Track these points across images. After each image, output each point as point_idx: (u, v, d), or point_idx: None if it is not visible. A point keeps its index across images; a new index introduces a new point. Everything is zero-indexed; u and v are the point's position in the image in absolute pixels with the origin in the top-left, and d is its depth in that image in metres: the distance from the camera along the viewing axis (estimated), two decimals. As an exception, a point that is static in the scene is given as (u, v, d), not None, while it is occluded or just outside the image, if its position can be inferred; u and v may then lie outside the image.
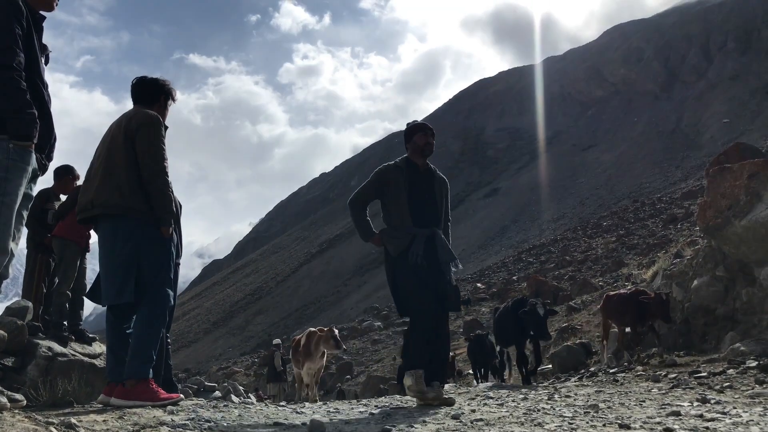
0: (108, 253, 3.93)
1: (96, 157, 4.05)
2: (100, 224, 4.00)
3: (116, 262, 3.87)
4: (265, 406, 4.63)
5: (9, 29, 2.99)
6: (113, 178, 3.86)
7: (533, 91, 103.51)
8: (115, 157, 3.90)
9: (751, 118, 61.87)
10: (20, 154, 3.01)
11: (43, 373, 4.66)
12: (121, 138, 3.91)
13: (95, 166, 4.00)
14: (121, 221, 3.87)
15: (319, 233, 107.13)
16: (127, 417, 3.15)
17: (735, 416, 3.61)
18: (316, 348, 9.70)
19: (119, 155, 3.89)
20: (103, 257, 3.98)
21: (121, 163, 3.88)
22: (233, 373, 35.83)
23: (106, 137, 4.06)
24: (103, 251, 3.97)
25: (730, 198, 8.28)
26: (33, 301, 5.85)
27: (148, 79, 4.23)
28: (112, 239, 3.91)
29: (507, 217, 71.26)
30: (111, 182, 3.85)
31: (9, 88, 2.94)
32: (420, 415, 4.10)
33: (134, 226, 3.87)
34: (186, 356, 65.17)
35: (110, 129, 4.08)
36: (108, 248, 3.93)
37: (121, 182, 3.85)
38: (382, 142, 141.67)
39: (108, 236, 3.94)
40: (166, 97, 4.25)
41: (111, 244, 3.92)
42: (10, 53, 2.97)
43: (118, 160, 3.88)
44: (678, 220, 32.92)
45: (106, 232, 3.96)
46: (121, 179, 3.86)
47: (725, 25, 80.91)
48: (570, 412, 4.08)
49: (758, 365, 6.20)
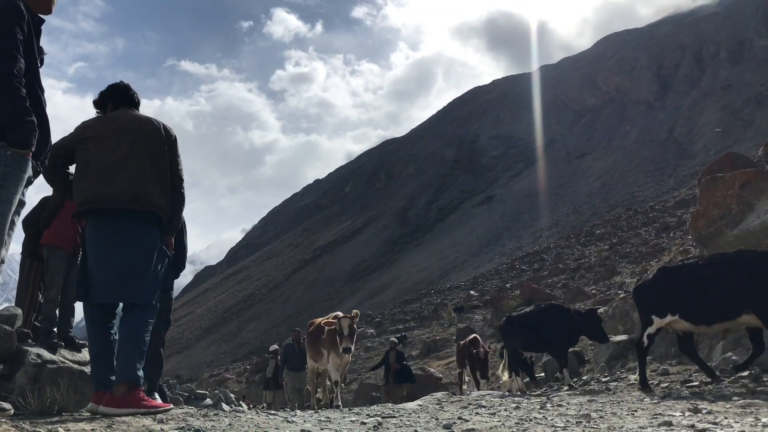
0: (129, 249, 3.85)
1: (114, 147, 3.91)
2: (119, 218, 3.88)
3: (139, 260, 3.84)
4: (256, 415, 4.60)
5: (11, 35, 2.96)
6: (160, 181, 3.96)
7: (528, 99, 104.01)
8: (161, 161, 3.99)
9: (744, 128, 62.28)
10: (18, 162, 2.98)
11: (32, 380, 4.60)
12: (165, 145, 4.02)
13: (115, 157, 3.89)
14: (156, 223, 3.96)
15: (313, 240, 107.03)
16: (116, 426, 3.11)
17: (726, 426, 3.61)
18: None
19: (164, 161, 4.00)
20: (119, 251, 3.85)
21: (166, 169, 4.01)
22: (225, 380, 35.66)
23: (135, 136, 3.96)
24: (122, 246, 3.86)
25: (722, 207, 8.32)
26: (27, 307, 5.80)
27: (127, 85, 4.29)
28: (140, 237, 3.89)
29: (501, 224, 71.38)
30: (159, 184, 3.95)
31: (10, 96, 2.91)
32: (412, 424, 4.08)
33: (159, 231, 4.00)
34: (177, 363, 64.85)
35: (142, 129, 3.99)
36: (130, 244, 3.86)
37: (166, 187, 3.98)
38: (376, 148, 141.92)
39: (133, 233, 3.88)
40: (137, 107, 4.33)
41: (137, 242, 3.87)
42: (12, 60, 2.94)
43: (164, 165, 4.00)
44: (670, 228, 33.05)
45: (129, 228, 3.88)
46: (165, 184, 3.99)
47: (718, 35, 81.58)
48: (562, 422, 4.07)
49: (749, 375, 6.21)
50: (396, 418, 4.51)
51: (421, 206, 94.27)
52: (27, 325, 5.61)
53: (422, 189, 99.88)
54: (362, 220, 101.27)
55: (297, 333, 13.49)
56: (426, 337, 31.04)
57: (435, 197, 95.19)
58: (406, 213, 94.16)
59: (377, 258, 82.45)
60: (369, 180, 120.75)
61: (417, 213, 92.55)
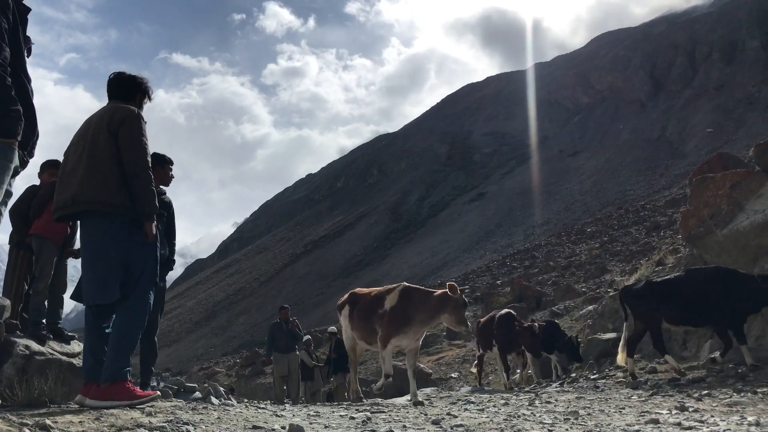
0: (94, 251, 3.83)
1: (72, 153, 3.91)
2: (84, 221, 3.89)
3: (103, 260, 3.78)
4: (245, 409, 4.60)
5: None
6: (99, 174, 3.75)
7: (521, 97, 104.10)
8: (99, 153, 3.79)
9: (735, 128, 62.60)
10: (3, 152, 2.95)
11: (20, 372, 4.58)
12: (104, 133, 3.82)
13: (72, 162, 3.87)
14: (110, 218, 3.78)
15: (304, 234, 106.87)
16: (104, 418, 3.11)
17: (712, 425, 3.64)
18: (431, 314, 6.46)
19: (104, 151, 3.79)
20: (88, 255, 3.88)
21: (107, 158, 3.78)
22: (215, 374, 35.59)
23: (83, 132, 3.94)
24: (89, 249, 3.87)
25: (712, 207, 8.37)
26: (13, 298, 5.77)
27: (125, 76, 4.12)
28: (100, 236, 3.81)
29: (492, 221, 71.50)
30: (97, 178, 3.74)
31: None
32: (400, 419, 4.09)
33: (123, 224, 3.79)
34: (167, 356, 64.68)
35: (89, 124, 3.96)
36: (94, 246, 3.84)
37: (108, 178, 3.76)
38: (369, 144, 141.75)
39: (94, 233, 3.84)
40: (143, 95, 4.13)
41: (98, 242, 3.82)
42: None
43: (103, 156, 3.79)
44: (661, 227, 33.20)
45: (91, 229, 3.85)
46: (107, 175, 3.76)
47: (711, 35, 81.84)
48: (550, 419, 4.09)
49: (736, 374, 6.26)
50: (385, 413, 4.52)
51: (413, 202, 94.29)
52: (13, 316, 5.58)
53: (414, 185, 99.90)
54: (354, 215, 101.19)
55: (286, 311, 12.84)
56: (416, 332, 31.02)
57: (427, 193, 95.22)
58: (398, 209, 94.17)
59: (369, 253, 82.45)
60: (361, 175, 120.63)
61: (409, 209, 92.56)
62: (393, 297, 6.71)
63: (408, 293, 6.69)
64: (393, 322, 6.55)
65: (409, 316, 6.50)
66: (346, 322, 7.54)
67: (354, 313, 7.36)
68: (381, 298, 6.90)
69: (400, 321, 6.53)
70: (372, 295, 7.22)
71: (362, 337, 7.23)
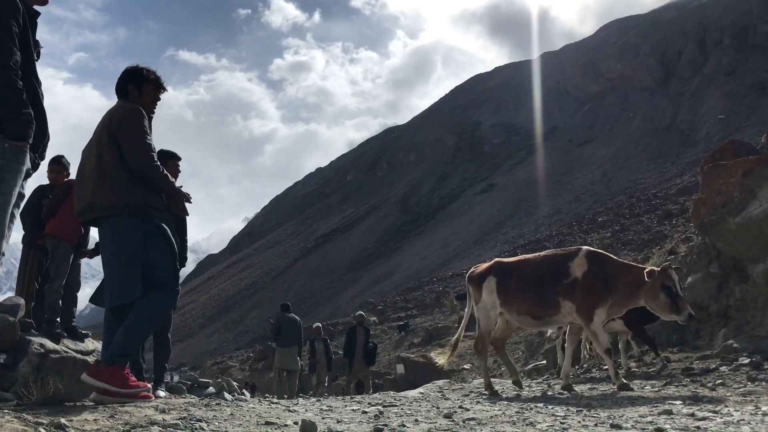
0: (113, 253, 3.89)
1: (86, 158, 4.00)
2: (102, 225, 3.96)
3: (122, 261, 3.84)
4: (258, 404, 4.63)
5: (6, 27, 2.96)
6: (107, 177, 3.83)
7: (529, 87, 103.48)
8: (104, 156, 3.86)
9: (747, 114, 61.97)
10: (15, 155, 2.99)
11: (35, 370, 4.63)
12: (106, 137, 3.88)
13: (86, 167, 3.95)
14: (123, 219, 3.84)
15: (315, 228, 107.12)
16: (118, 416, 3.13)
17: (726, 415, 3.62)
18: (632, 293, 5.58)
19: (108, 154, 3.85)
20: (107, 257, 3.94)
21: (112, 161, 3.84)
22: (228, 368, 35.82)
23: (93, 137, 4.01)
24: (108, 250, 3.93)
25: (725, 195, 8.29)
26: (25, 297, 5.83)
27: (123, 71, 4.14)
28: (116, 238, 3.88)
29: (503, 212, 71.31)
30: (106, 182, 3.82)
31: (5, 89, 2.92)
32: (413, 413, 4.10)
33: (137, 223, 3.85)
34: (181, 351, 65.18)
35: (97, 128, 4.05)
36: (113, 248, 3.90)
37: (115, 181, 3.82)
38: (377, 137, 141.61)
39: (110, 236, 3.91)
40: (136, 85, 4.06)
41: (115, 244, 3.88)
42: (7, 52, 2.95)
43: (108, 159, 3.85)
44: (673, 216, 32.99)
45: (108, 232, 3.92)
46: (114, 178, 3.83)
47: (721, 20, 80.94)
48: (562, 411, 4.08)
49: (750, 362, 6.22)
50: (397, 407, 4.53)
51: (422, 194, 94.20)
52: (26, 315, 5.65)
53: (424, 177, 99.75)
54: (364, 208, 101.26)
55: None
56: (428, 324, 31.15)
57: (437, 185, 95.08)
58: (408, 201, 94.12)
59: (379, 246, 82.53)
60: (371, 168, 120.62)
61: (419, 201, 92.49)
62: (580, 262, 5.76)
63: (597, 258, 5.80)
64: (591, 290, 5.56)
65: (608, 285, 5.57)
66: (493, 297, 6.28)
67: (511, 283, 6.18)
68: (558, 266, 5.91)
69: (601, 288, 5.56)
70: (537, 262, 6.22)
71: (528, 311, 6.02)
